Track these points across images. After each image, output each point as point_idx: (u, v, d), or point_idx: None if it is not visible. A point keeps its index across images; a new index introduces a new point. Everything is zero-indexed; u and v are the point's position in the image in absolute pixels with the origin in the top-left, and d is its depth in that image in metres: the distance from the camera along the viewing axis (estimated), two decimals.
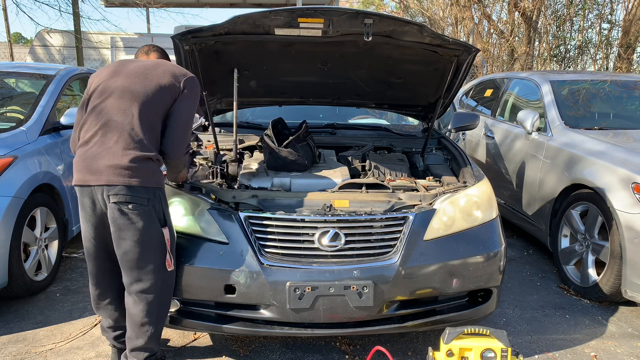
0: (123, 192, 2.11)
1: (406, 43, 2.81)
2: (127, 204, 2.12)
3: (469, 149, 5.48)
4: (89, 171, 2.14)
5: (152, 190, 2.19)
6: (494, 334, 2.13)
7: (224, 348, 2.76)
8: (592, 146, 3.63)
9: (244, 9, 13.03)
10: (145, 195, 2.16)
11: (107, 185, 2.11)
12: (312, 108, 4.01)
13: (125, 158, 2.12)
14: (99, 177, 2.11)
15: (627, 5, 9.35)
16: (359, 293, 2.28)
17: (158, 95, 2.21)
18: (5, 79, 4.33)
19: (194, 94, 2.32)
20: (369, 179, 2.90)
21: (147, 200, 2.17)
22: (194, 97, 2.33)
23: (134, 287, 2.22)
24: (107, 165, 2.11)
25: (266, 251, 2.35)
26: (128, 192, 2.12)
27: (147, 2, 10.55)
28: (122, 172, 2.11)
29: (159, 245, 2.21)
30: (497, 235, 2.59)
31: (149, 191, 2.17)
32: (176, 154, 2.29)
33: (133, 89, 2.20)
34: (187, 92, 2.28)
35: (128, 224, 2.14)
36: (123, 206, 2.12)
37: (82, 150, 2.20)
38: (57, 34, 10.59)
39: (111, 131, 2.15)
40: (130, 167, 2.12)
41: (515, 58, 10.82)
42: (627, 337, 3.01)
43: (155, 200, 2.21)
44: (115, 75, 2.26)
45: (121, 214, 2.13)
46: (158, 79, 2.24)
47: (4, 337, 2.87)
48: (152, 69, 2.28)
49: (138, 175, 2.13)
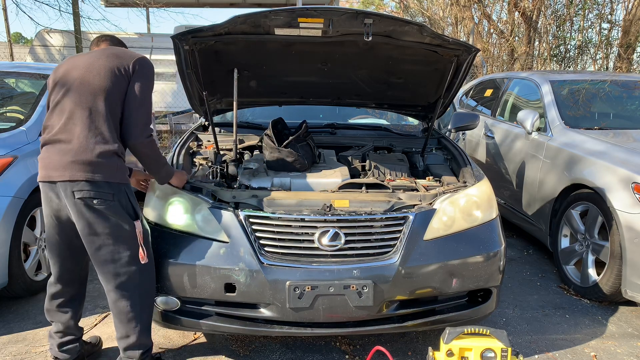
0: (87, 187, 2.11)
1: (406, 43, 2.81)
2: (92, 199, 2.13)
3: (469, 149, 5.48)
4: (53, 167, 2.14)
5: (117, 186, 2.19)
6: (494, 334, 2.13)
7: (224, 348, 2.76)
8: (592, 146, 3.63)
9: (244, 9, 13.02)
10: (109, 190, 2.16)
11: (70, 181, 2.11)
12: (312, 108, 4.01)
13: (89, 154, 2.11)
14: (63, 173, 2.12)
15: (627, 5, 9.35)
16: (358, 292, 2.28)
17: (111, 84, 2.18)
18: (5, 79, 4.32)
19: (145, 74, 2.27)
20: (369, 179, 2.90)
21: (112, 196, 2.17)
22: (145, 77, 2.27)
23: (112, 283, 2.23)
24: (70, 161, 2.11)
25: (266, 250, 2.35)
26: (92, 188, 2.12)
27: (147, 2, 10.54)
28: (86, 167, 2.11)
29: (130, 238, 2.22)
30: (497, 235, 2.59)
31: (113, 186, 2.17)
32: (133, 135, 2.21)
33: (87, 82, 2.18)
34: (138, 74, 2.24)
35: (97, 219, 2.15)
36: (89, 201, 2.13)
37: (45, 147, 2.20)
38: (57, 34, 10.58)
39: (73, 127, 2.14)
40: (94, 162, 2.12)
41: (515, 58, 10.81)
42: (627, 337, 3.01)
43: (120, 195, 2.20)
44: (70, 70, 2.25)
45: (88, 209, 2.14)
46: (107, 67, 2.20)
47: (4, 337, 2.87)
48: (99, 58, 2.24)
49: (101, 171, 2.13)
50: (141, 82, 2.24)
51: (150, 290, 2.32)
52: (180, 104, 10.17)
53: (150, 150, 2.29)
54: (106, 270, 2.22)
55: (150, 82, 2.29)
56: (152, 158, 2.33)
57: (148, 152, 2.29)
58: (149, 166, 2.36)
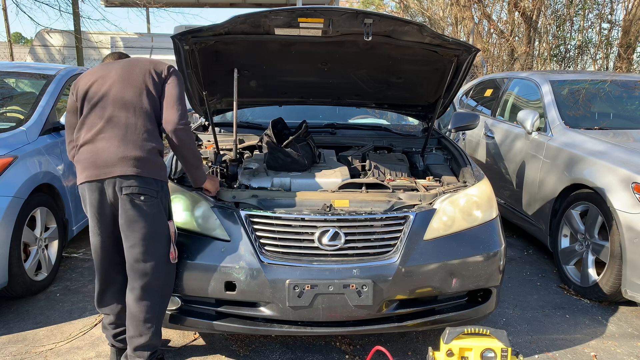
0: (136, 183, 2.16)
1: (406, 43, 2.81)
2: (139, 196, 2.17)
3: (469, 149, 5.48)
4: (98, 166, 2.17)
5: (161, 183, 2.25)
6: (494, 333, 2.13)
7: (224, 348, 2.76)
8: (592, 146, 3.63)
9: (244, 9, 13.03)
10: (155, 187, 2.21)
11: (120, 177, 2.15)
12: (312, 108, 4.01)
13: (137, 150, 2.17)
14: (112, 170, 2.15)
15: (627, 5, 9.35)
16: (358, 292, 2.28)
17: (152, 84, 2.27)
18: (5, 79, 4.32)
19: (178, 76, 2.38)
20: (369, 178, 2.90)
21: (157, 193, 2.22)
22: (179, 78, 2.37)
23: (138, 282, 2.23)
24: (119, 157, 2.15)
25: (266, 249, 2.36)
26: (141, 184, 2.17)
27: (147, 2, 10.54)
28: (135, 163, 2.16)
29: (165, 237, 2.26)
30: (497, 235, 2.59)
31: (158, 183, 2.24)
32: (171, 121, 2.26)
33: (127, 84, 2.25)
34: (172, 75, 2.34)
35: (139, 216, 2.18)
36: (135, 198, 2.17)
37: (87, 147, 2.22)
38: (57, 33, 10.59)
39: (117, 126, 2.20)
40: (142, 158, 2.18)
41: (515, 58, 10.81)
42: (627, 337, 3.01)
43: (162, 193, 2.27)
44: (100, 80, 2.29)
45: (132, 205, 2.17)
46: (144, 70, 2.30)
47: (4, 337, 2.87)
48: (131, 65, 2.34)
49: (149, 167, 2.19)
50: (177, 82, 2.33)
51: (169, 292, 2.34)
52: None
53: (189, 138, 2.32)
54: (136, 268, 2.23)
55: (182, 82, 2.39)
56: (190, 147, 2.35)
57: (187, 140, 2.30)
58: (187, 158, 2.36)
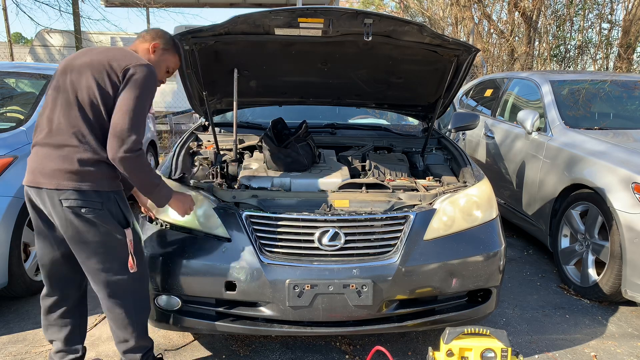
0: (74, 196, 2.02)
1: (406, 43, 2.81)
2: (80, 208, 2.04)
3: (469, 149, 5.48)
4: (40, 173, 2.05)
5: (106, 194, 2.08)
6: (494, 334, 2.13)
7: (224, 348, 2.76)
8: (592, 146, 3.63)
9: (244, 9, 13.01)
10: (97, 199, 2.06)
11: (57, 189, 2.02)
12: (312, 108, 4.01)
13: (74, 163, 2.02)
14: (50, 181, 2.02)
15: (627, 5, 9.35)
16: (358, 292, 2.28)
17: (99, 89, 2.05)
18: (5, 79, 4.32)
19: (136, 82, 2.05)
20: (369, 179, 2.90)
21: (101, 204, 2.07)
22: (136, 86, 2.05)
23: (105, 292, 2.16)
24: (56, 169, 2.02)
25: (267, 250, 2.36)
26: (79, 197, 2.03)
27: (147, 2, 10.54)
28: (72, 176, 2.02)
29: (121, 247, 2.12)
30: (497, 235, 2.59)
31: (102, 195, 2.07)
32: (110, 149, 2.00)
33: (77, 85, 2.07)
34: (129, 81, 2.05)
35: (87, 228, 2.06)
36: (77, 210, 2.04)
37: (35, 149, 2.10)
38: (57, 34, 10.58)
39: (59, 133, 2.05)
40: (80, 171, 2.02)
41: (515, 58, 10.81)
42: (627, 337, 3.01)
43: (110, 204, 2.10)
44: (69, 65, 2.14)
45: (77, 217, 2.04)
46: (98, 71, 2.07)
47: (4, 337, 2.87)
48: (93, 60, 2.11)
49: (89, 180, 2.04)
50: (132, 93, 2.04)
51: (144, 294, 2.26)
52: (180, 104, 10.17)
53: (134, 166, 2.03)
54: (98, 279, 2.14)
55: (141, 91, 2.05)
56: (138, 176, 2.08)
57: (132, 168, 2.03)
58: (137, 186, 2.14)
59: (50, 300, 2.27)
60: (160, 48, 2.29)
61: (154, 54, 2.28)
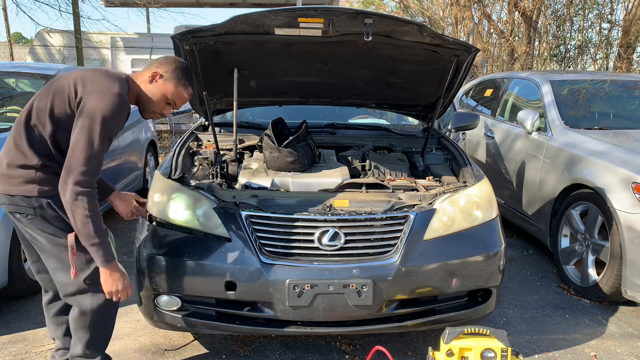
0: (7, 201, 2.01)
1: (406, 43, 2.81)
2: (13, 214, 2.03)
3: (469, 149, 5.48)
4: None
5: (36, 200, 1.99)
6: (494, 333, 2.13)
7: (224, 348, 2.76)
8: (592, 146, 3.63)
9: (244, 9, 13.02)
10: (27, 204, 1.99)
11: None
12: (312, 108, 4.01)
13: (3, 166, 2.00)
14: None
15: (627, 5, 9.35)
16: (358, 292, 2.28)
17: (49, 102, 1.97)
18: (5, 79, 4.32)
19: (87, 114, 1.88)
20: (369, 178, 2.90)
21: (34, 210, 2.00)
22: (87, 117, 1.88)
23: (62, 292, 2.13)
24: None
25: (267, 250, 2.36)
26: (10, 202, 2.00)
27: (147, 2, 10.54)
28: (2, 180, 2.00)
29: (62, 252, 2.03)
30: (497, 235, 2.59)
31: (32, 200, 1.99)
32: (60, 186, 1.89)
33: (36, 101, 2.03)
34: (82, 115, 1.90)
35: (30, 231, 2.04)
36: (13, 215, 2.04)
37: None
38: (57, 33, 10.58)
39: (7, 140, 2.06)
40: (9, 174, 1.99)
41: (515, 58, 10.81)
42: (627, 337, 3.01)
43: (43, 210, 2.01)
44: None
45: (17, 221, 2.04)
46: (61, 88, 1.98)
47: (4, 337, 2.87)
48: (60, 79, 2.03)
49: (16, 184, 1.98)
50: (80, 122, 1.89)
51: (102, 306, 2.12)
52: None
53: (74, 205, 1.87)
54: (55, 280, 2.11)
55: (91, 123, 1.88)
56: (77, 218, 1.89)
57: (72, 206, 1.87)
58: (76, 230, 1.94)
59: (46, 298, 2.31)
60: (161, 77, 2.15)
61: (153, 83, 2.14)
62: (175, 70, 2.15)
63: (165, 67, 2.15)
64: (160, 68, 2.15)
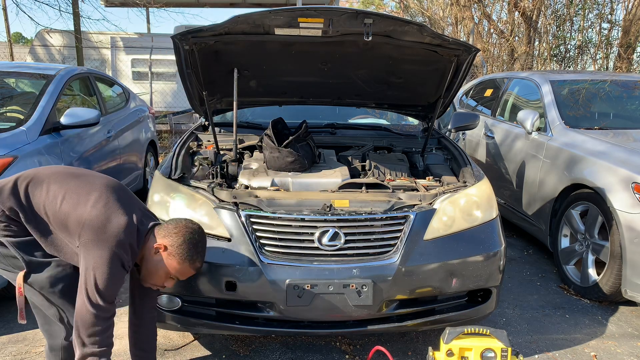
0: None
1: (406, 43, 2.81)
2: None
3: (469, 149, 5.48)
4: None
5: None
6: (494, 333, 2.13)
7: (224, 348, 2.76)
8: (592, 146, 3.63)
9: (244, 9, 13.02)
10: None
11: None
12: (312, 108, 4.01)
13: None
14: None
15: (627, 5, 9.36)
16: (358, 292, 2.28)
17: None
18: (5, 79, 4.32)
19: (91, 249, 1.86)
20: (369, 178, 2.90)
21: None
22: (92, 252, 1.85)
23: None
24: None
25: (266, 250, 2.36)
26: None
27: (147, 2, 10.53)
28: None
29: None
30: (497, 235, 2.59)
31: None
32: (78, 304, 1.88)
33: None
34: (83, 248, 1.88)
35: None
36: None
37: None
38: (57, 33, 10.57)
39: None
40: None
41: (515, 58, 10.82)
42: (627, 337, 3.01)
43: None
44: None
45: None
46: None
47: (4, 337, 2.87)
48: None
49: None
50: (87, 256, 1.86)
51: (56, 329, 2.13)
52: (180, 104, 10.18)
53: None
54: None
55: (102, 256, 1.84)
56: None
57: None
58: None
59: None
60: (165, 250, 2.02)
61: (156, 255, 2.02)
62: (181, 244, 2.01)
63: (173, 240, 2.01)
64: (168, 239, 2.01)
